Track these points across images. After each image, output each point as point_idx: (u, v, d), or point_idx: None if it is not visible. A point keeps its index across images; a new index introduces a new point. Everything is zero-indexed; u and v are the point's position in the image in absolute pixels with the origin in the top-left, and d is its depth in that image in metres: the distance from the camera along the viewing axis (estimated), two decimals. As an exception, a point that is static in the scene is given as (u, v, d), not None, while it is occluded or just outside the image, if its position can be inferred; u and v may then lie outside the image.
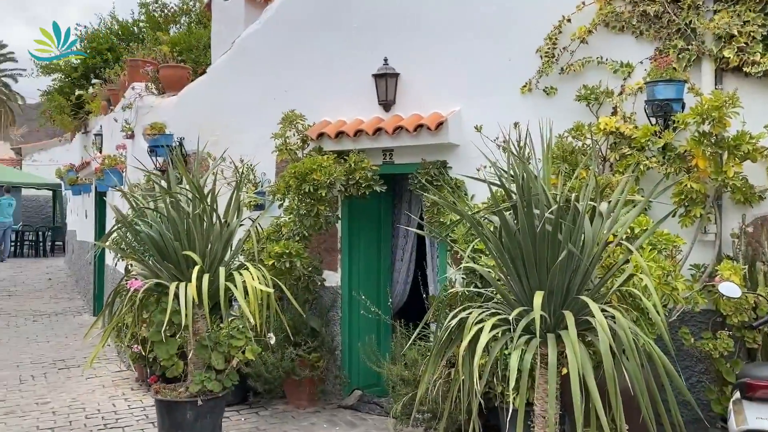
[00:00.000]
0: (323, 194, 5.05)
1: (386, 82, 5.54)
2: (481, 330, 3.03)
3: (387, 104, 5.59)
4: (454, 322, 3.26)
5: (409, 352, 4.74)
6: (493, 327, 3.07)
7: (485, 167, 4.70)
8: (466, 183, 5.11)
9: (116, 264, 8.31)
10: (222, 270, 4.25)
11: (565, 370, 3.30)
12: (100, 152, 9.81)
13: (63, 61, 11.80)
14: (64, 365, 7.11)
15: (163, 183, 4.68)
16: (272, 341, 4.82)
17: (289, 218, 5.39)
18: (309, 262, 5.38)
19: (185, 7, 13.03)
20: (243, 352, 4.61)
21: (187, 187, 4.54)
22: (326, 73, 5.99)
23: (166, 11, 12.83)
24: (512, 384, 2.85)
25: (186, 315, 3.97)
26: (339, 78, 5.89)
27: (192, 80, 7.28)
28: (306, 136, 5.73)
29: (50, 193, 20.86)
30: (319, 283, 5.71)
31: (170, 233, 4.38)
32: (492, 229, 3.38)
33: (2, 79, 41.49)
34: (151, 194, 4.83)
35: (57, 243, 20.17)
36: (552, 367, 2.92)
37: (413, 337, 4.04)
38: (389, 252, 6.32)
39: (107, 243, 5.19)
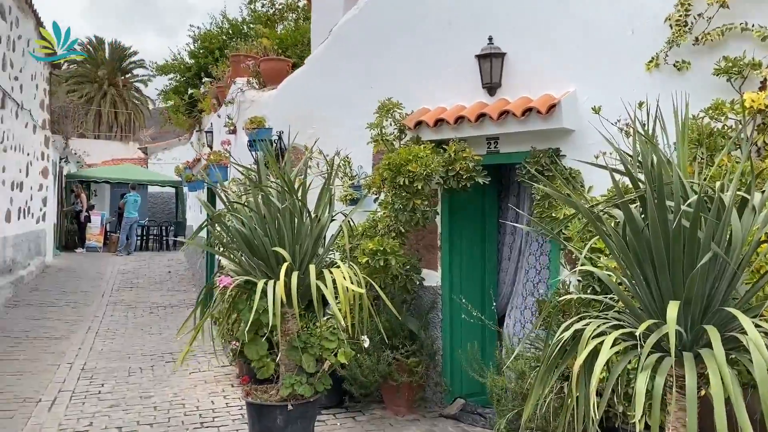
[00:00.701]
0: (420, 187, 4.67)
1: (491, 62, 5.05)
2: (600, 345, 2.54)
3: (491, 87, 5.11)
4: (568, 333, 2.77)
5: (516, 363, 4.25)
6: (615, 342, 2.56)
7: (605, 154, 4.15)
8: (582, 173, 4.54)
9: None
10: (312, 267, 3.99)
11: (703, 392, 2.75)
12: (211, 149, 10.03)
13: (177, 61, 12.26)
14: (171, 358, 7.24)
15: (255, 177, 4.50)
16: (366, 344, 4.51)
17: (384, 213, 5.06)
18: (405, 260, 5.02)
19: (292, 3, 13.14)
20: (335, 355, 4.34)
21: (278, 180, 4.33)
22: (425, 58, 5.60)
23: (273, 8, 13.00)
24: (638, 410, 2.34)
25: (273, 314, 3.75)
26: (439, 61, 5.48)
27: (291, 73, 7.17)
28: (403, 126, 5.37)
29: (173, 189, 22.04)
30: (418, 283, 5.33)
31: (260, 228, 4.19)
32: (614, 225, 2.85)
33: (134, 84, 44.82)
34: (244, 189, 4.67)
35: (179, 237, 21.28)
36: (691, 393, 2.36)
37: (519, 347, 3.56)
38: (495, 250, 5.83)
39: (191, 240, 5.10)
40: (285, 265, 3.93)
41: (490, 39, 5.03)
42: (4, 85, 10.06)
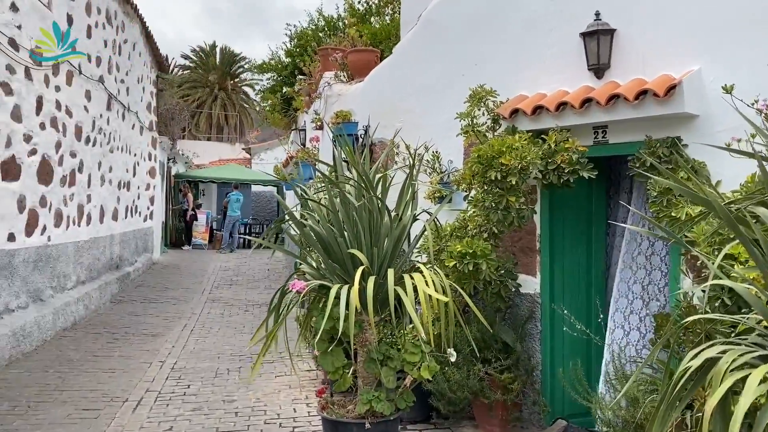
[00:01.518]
0: (514, 182, 4.14)
1: (598, 41, 4.43)
2: (740, 380, 1.97)
3: (599, 69, 4.48)
4: (696, 363, 2.20)
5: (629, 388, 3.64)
6: (764, 380, 1.98)
7: (739, 141, 3.45)
8: (708, 166, 3.84)
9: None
10: (391, 272, 3.59)
11: None
12: (303, 147, 9.90)
13: (274, 60, 12.29)
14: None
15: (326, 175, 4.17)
16: (453, 358, 4.05)
17: (475, 212, 4.56)
18: (499, 264, 4.50)
19: (388, -3, 12.85)
20: (418, 369, 3.91)
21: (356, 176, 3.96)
22: (523, 40, 5.05)
23: (369, 2, 12.77)
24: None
25: (345, 322, 3.39)
26: (538, 43, 4.91)
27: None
28: (497, 115, 4.85)
29: (275, 188, 22.51)
30: (513, 290, 4.79)
31: (335, 229, 3.84)
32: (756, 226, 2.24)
33: (242, 88, 46.61)
34: (320, 186, 4.36)
35: (280, 235, 21.67)
36: None
37: (636, 375, 2.97)
38: (602, 254, 5.18)
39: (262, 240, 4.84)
40: (360, 269, 3.56)
41: (597, 14, 4.40)
42: (110, 87, 10.46)
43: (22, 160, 7.01)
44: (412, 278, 3.62)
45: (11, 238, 6.78)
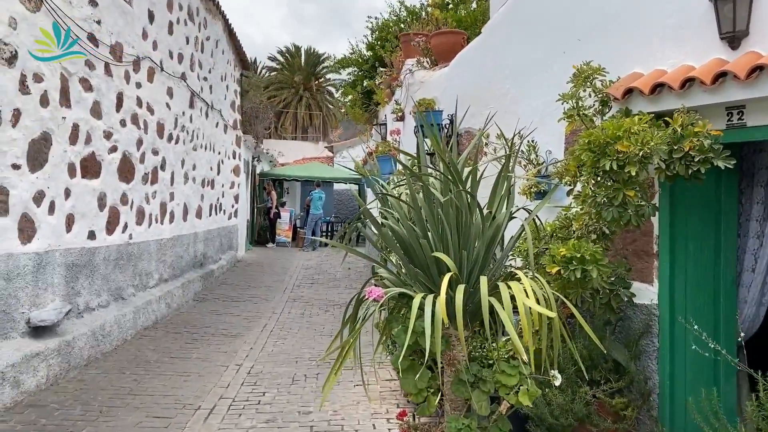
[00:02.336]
0: (633, 173, 3.46)
1: (734, 3, 3.67)
2: None
3: (734, 38, 3.72)
4: None
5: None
6: None
7: None
8: None
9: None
10: (484, 280, 3.04)
11: None
12: (384, 141, 9.47)
13: (355, 54, 11.94)
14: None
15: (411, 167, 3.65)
16: (557, 381, 3.44)
17: (582, 209, 3.91)
18: (611, 271, 3.83)
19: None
20: (516, 394, 3.34)
21: (442, 169, 3.42)
22: (635, 10, 4.34)
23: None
24: None
25: (431, 338, 2.87)
26: (654, 12, 4.19)
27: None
28: (606, 96, 4.17)
29: (357, 186, 22.31)
30: (626, 300, 4.10)
31: (418, 228, 3.32)
32: None
33: (327, 88, 47.13)
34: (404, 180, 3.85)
35: (360, 234, 21.47)
36: None
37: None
38: (733, 258, 4.37)
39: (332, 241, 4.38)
40: (447, 276, 3.02)
41: (733, -30, 3.65)
42: (192, 85, 10.42)
43: (102, 157, 6.93)
44: (509, 287, 3.05)
45: (92, 236, 6.72)
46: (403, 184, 3.57)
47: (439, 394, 3.44)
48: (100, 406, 5.12)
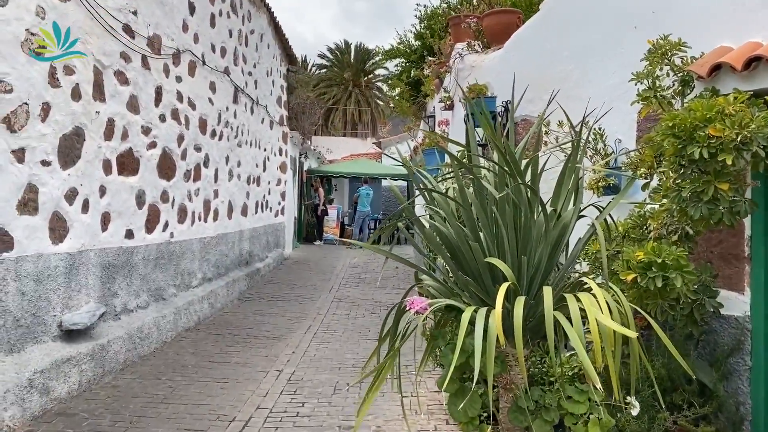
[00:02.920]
0: (728, 162, 2.89)
1: None
2: None
3: None
4: None
5: None
6: None
7: None
8: None
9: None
10: (548, 291, 2.55)
11: None
12: (432, 133, 9.01)
13: (403, 44, 11.49)
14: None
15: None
16: (635, 411, 2.92)
17: (662, 206, 3.35)
18: (696, 278, 3.26)
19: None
20: (585, 424, 2.84)
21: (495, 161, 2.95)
22: (723, -27, 3.74)
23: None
24: None
25: (484, 359, 2.41)
26: (748, -27, 3.59)
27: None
28: (688, 74, 3.59)
29: (405, 183, 21.86)
30: (711, 311, 3.53)
31: (468, 229, 2.86)
32: None
33: (376, 84, 46.90)
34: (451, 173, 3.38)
35: (412, 231, 21.00)
36: None
37: None
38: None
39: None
40: (505, 285, 2.54)
41: None
42: (236, 79, 10.18)
43: (141, 153, 6.71)
44: (578, 300, 2.55)
45: (129, 235, 6.49)
46: (450, 178, 3.10)
47: (494, 423, 2.97)
48: (130, 416, 4.85)
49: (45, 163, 4.96)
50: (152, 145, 7.01)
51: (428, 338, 3.71)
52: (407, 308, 2.88)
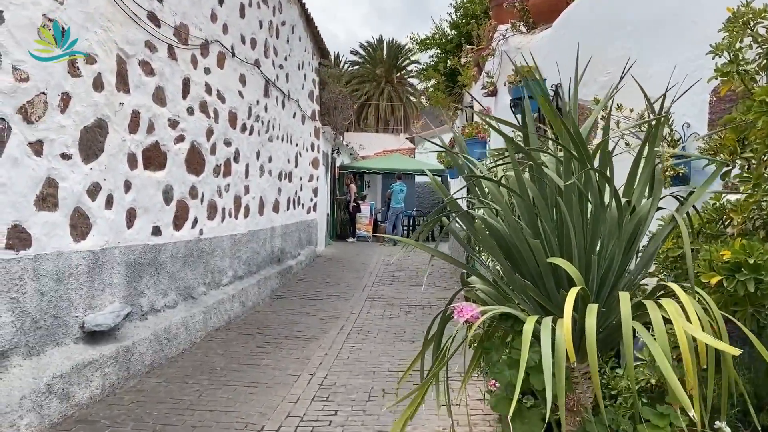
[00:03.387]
0: (840, 144, 2.44)
1: None
2: None
3: None
4: None
5: None
6: None
7: None
8: None
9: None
10: (625, 297, 2.15)
11: None
12: (472, 123, 8.59)
13: (438, 34, 11.09)
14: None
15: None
16: (724, 437, 2.49)
17: (751, 198, 2.89)
18: (790, 280, 2.80)
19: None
20: (663, 450, 2.42)
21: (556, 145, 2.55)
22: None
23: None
24: None
25: (553, 377, 2.03)
26: None
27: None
28: (778, 46, 3.12)
29: (439, 178, 21.43)
30: (805, 317, 3.05)
31: (526, 224, 2.46)
32: None
33: (408, 80, 46.54)
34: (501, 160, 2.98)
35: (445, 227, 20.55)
36: None
37: None
38: None
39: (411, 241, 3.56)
40: (574, 291, 2.15)
41: None
42: (267, 72, 9.90)
43: (168, 147, 6.45)
44: (660, 307, 2.14)
45: (156, 231, 6.25)
46: (504, 164, 2.71)
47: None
48: (154, 423, 4.58)
49: (65, 156, 4.72)
50: (180, 138, 6.76)
51: (475, 347, 3.33)
52: (454, 316, 2.49)
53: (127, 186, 5.67)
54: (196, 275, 7.26)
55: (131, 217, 5.77)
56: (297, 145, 12.56)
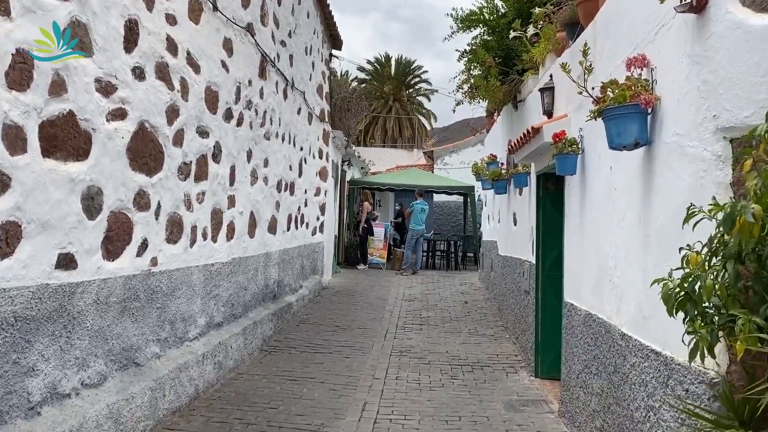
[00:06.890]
0: None
1: None
2: None
3: None
4: None
5: None
6: None
7: None
8: None
9: (591, 310, 4.30)
10: None
11: None
12: (549, 117, 6.06)
13: (488, 8, 8.62)
14: None
15: None
16: None
17: None
18: None
19: None
20: None
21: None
22: None
23: None
24: None
25: None
26: None
27: None
28: None
29: (460, 198, 18.88)
30: None
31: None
32: None
33: (417, 98, 44.64)
34: None
35: (468, 255, 17.93)
36: None
37: None
38: None
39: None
40: None
41: None
42: (264, 46, 7.38)
43: (95, 125, 3.91)
44: None
45: (66, 263, 3.67)
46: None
47: None
48: None
49: None
50: (119, 114, 4.21)
51: None
52: None
53: (-3, 182, 3.11)
54: (143, 329, 4.66)
55: (9, 239, 3.20)
56: (302, 149, 10.00)
